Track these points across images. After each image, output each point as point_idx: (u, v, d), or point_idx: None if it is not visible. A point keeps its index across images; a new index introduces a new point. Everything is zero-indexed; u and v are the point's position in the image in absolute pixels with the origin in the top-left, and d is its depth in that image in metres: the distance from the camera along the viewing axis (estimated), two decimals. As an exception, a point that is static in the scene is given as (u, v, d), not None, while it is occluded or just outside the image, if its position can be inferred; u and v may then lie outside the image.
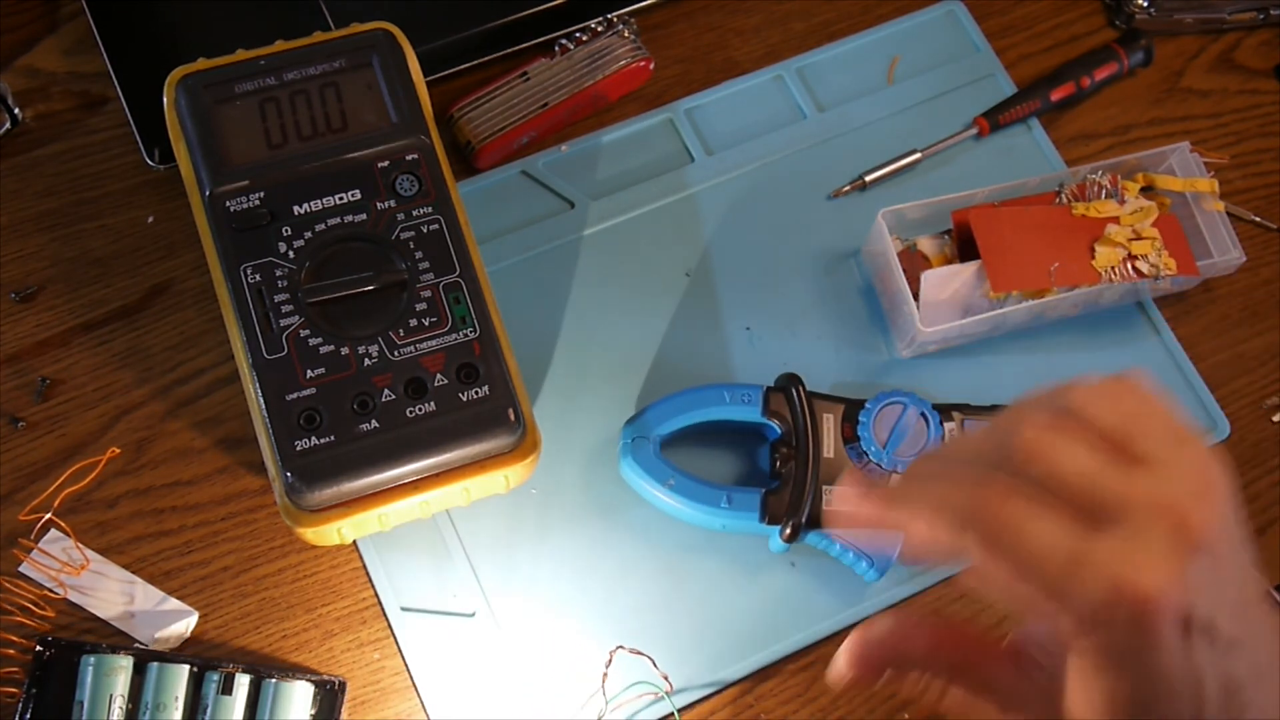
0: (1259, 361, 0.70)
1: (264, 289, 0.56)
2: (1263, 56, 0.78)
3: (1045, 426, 0.36)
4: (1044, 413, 0.36)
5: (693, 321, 0.67)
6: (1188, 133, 0.75)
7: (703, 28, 0.75)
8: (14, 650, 0.57)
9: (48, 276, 0.66)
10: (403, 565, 0.61)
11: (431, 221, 0.58)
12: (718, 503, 0.60)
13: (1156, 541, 0.34)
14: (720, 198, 0.70)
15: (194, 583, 0.60)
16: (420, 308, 0.56)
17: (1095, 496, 0.35)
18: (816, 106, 0.73)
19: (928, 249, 0.67)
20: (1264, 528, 0.66)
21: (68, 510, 0.61)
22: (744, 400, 0.62)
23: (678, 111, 0.72)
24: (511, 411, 0.56)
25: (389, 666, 0.60)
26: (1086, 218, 0.67)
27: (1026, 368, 0.68)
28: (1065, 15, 0.78)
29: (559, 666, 0.60)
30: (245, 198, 0.57)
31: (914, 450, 0.61)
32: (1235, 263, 0.69)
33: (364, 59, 0.60)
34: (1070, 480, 0.35)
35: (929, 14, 0.76)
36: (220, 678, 0.56)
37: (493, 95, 0.70)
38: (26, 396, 0.63)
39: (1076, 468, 0.35)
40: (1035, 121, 0.74)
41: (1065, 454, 0.35)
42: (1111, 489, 0.35)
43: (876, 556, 0.60)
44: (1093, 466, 0.35)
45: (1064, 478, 0.35)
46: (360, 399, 0.55)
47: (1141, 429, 0.36)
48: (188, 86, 0.59)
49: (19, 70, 0.70)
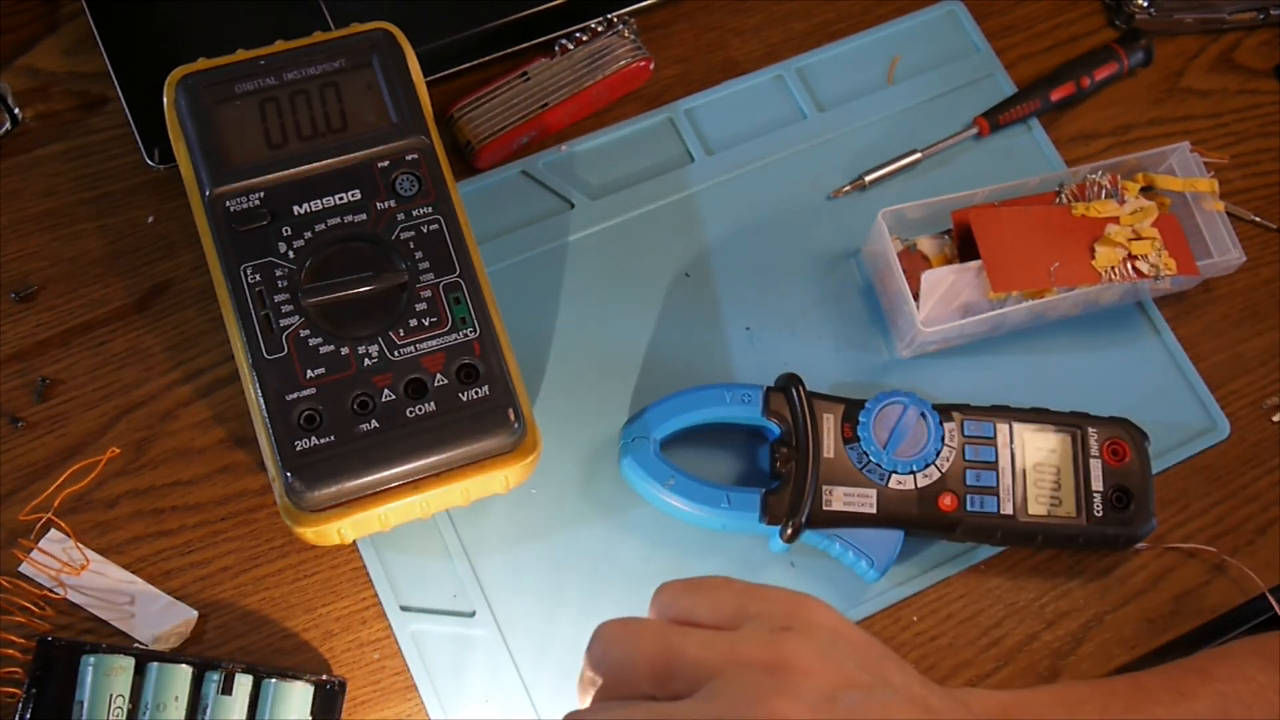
0: (1259, 361, 0.70)
1: (264, 289, 0.56)
2: (1263, 56, 0.78)
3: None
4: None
5: (693, 321, 0.67)
6: (1188, 133, 0.75)
7: (703, 28, 0.75)
8: (14, 650, 0.57)
9: (48, 276, 0.66)
10: (403, 565, 0.61)
11: (431, 221, 0.58)
12: (718, 503, 0.60)
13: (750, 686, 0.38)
14: (720, 198, 0.70)
15: (194, 583, 0.60)
16: (420, 308, 0.56)
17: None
18: (816, 106, 0.73)
19: (928, 249, 0.67)
20: (1264, 527, 0.66)
21: (68, 510, 0.61)
22: (744, 400, 0.62)
23: (678, 111, 0.72)
24: (511, 411, 0.56)
25: (389, 666, 0.60)
26: (1086, 218, 0.67)
27: (1026, 368, 0.68)
28: (1065, 15, 0.78)
29: (559, 666, 0.60)
30: (245, 198, 0.57)
31: (914, 450, 0.61)
32: (1235, 263, 0.69)
33: (364, 59, 0.60)
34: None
35: (929, 14, 0.76)
36: (220, 678, 0.56)
37: (493, 95, 0.70)
38: (26, 396, 0.63)
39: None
40: (1035, 121, 0.74)
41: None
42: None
43: (876, 556, 0.60)
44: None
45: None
46: (360, 399, 0.55)
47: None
48: (188, 86, 0.59)
49: (19, 70, 0.70)
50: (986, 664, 0.62)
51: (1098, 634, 0.63)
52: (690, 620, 0.42)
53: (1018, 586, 0.64)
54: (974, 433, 0.62)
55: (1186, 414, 0.68)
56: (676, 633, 0.40)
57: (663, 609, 0.43)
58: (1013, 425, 0.62)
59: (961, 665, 0.62)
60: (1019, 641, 0.63)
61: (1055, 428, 0.63)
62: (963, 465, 0.61)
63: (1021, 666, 0.62)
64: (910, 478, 0.61)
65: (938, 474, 0.61)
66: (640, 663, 0.40)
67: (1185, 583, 0.65)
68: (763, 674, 0.38)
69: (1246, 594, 0.65)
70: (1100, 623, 0.63)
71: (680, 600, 0.42)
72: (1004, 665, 0.62)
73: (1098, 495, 0.62)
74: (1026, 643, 0.63)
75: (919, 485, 0.61)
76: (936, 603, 0.63)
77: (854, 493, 0.60)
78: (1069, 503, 0.62)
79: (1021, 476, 0.62)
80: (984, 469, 0.61)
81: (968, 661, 0.62)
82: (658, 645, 0.40)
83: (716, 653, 0.39)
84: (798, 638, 0.39)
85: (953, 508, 0.61)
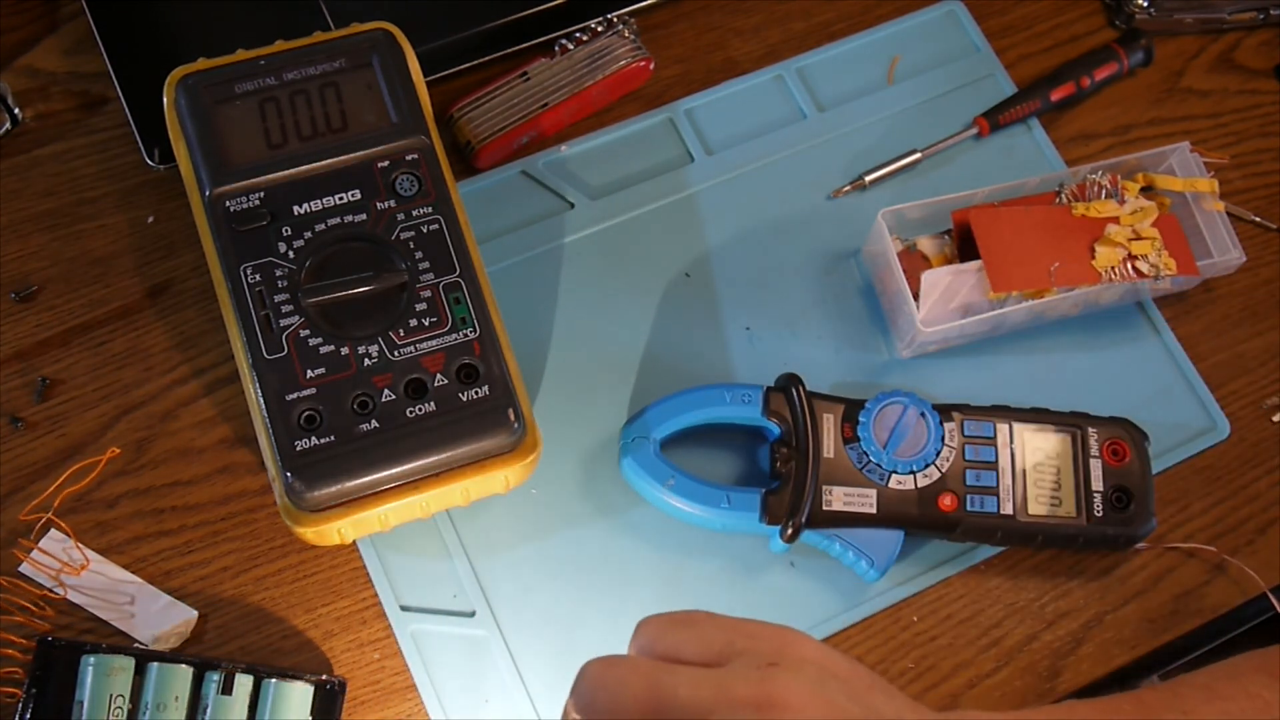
0: (1259, 361, 0.70)
1: (264, 289, 0.56)
2: (1263, 56, 0.78)
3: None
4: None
5: (693, 321, 0.67)
6: (1188, 133, 0.75)
7: (703, 28, 0.75)
8: (14, 650, 0.57)
9: (48, 276, 0.66)
10: (403, 565, 0.61)
11: (431, 221, 0.58)
12: (718, 503, 0.60)
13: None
14: (720, 198, 0.70)
15: (194, 583, 0.60)
16: (420, 308, 0.56)
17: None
18: (816, 106, 0.73)
19: (928, 249, 0.67)
20: (1264, 527, 0.66)
21: (68, 510, 0.61)
22: (744, 400, 0.62)
23: (678, 111, 0.72)
24: (511, 411, 0.56)
25: (389, 666, 0.60)
26: (1086, 218, 0.66)
27: (1026, 368, 0.68)
28: (1065, 15, 0.78)
29: (559, 666, 0.60)
30: (245, 198, 0.57)
31: (914, 450, 0.61)
32: (1235, 263, 0.69)
33: (364, 59, 0.60)
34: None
35: (929, 14, 0.76)
36: (220, 678, 0.56)
37: (493, 95, 0.70)
38: (26, 396, 0.63)
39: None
40: (1035, 121, 0.74)
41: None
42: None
43: (876, 556, 0.60)
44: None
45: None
46: (360, 399, 0.55)
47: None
48: (188, 86, 0.59)
49: (19, 70, 0.70)
50: (986, 664, 0.62)
51: (1098, 634, 0.63)
52: (676, 657, 0.41)
53: (1018, 586, 0.64)
54: (974, 433, 0.62)
55: (1186, 414, 0.68)
56: (665, 671, 0.40)
57: (646, 645, 0.42)
58: (1013, 425, 0.62)
59: (961, 665, 0.62)
60: (1019, 641, 0.63)
61: (1055, 428, 0.63)
62: (963, 465, 0.61)
63: (1021, 666, 0.62)
64: (910, 478, 0.61)
65: (938, 474, 0.61)
66: (630, 704, 0.39)
67: (1185, 583, 0.65)
68: (754, 712, 0.38)
69: (1247, 594, 0.65)
70: (1100, 623, 0.63)
71: (665, 636, 0.42)
72: (1004, 665, 0.62)
73: (1098, 495, 0.62)
74: (1026, 643, 0.63)
75: (919, 485, 0.61)
76: (936, 603, 0.63)
77: (854, 493, 0.60)
78: (1069, 503, 0.62)
79: (1021, 476, 0.62)
80: (984, 469, 0.61)
81: (968, 661, 0.62)
82: (646, 686, 0.39)
83: (706, 693, 0.39)
84: (786, 674, 0.39)
85: (953, 508, 0.61)
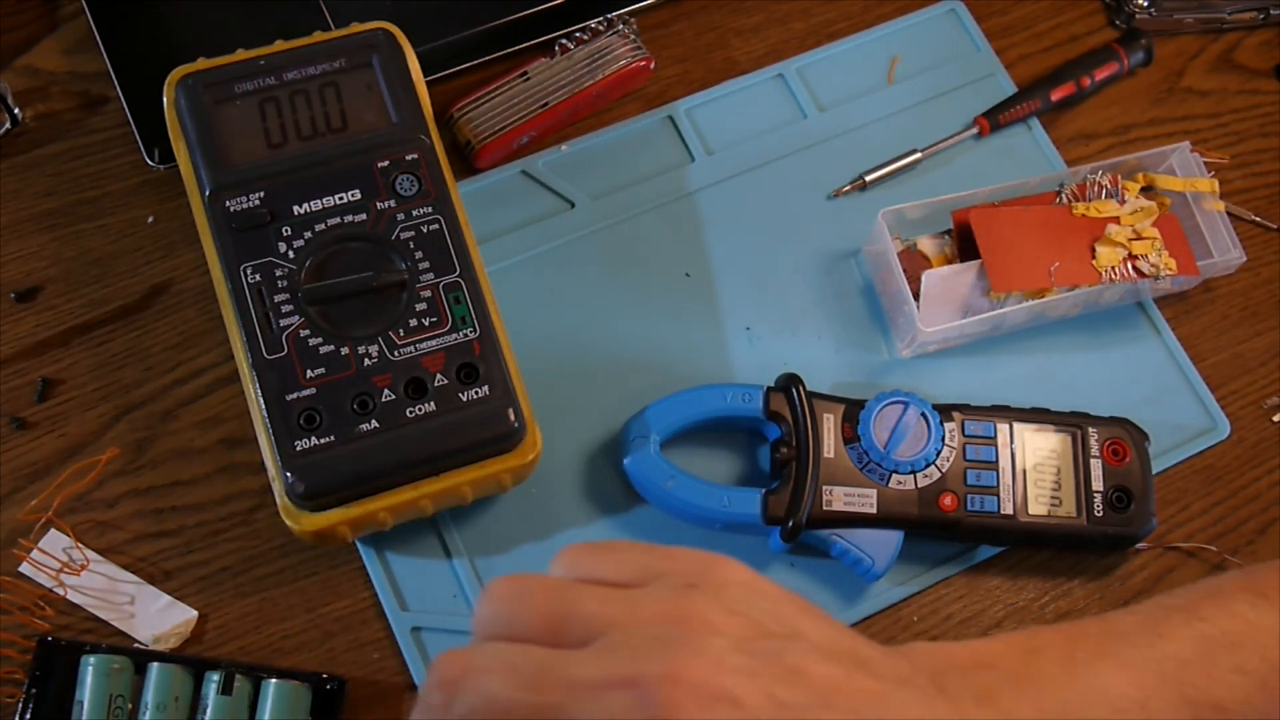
0: (1259, 361, 0.70)
1: (264, 289, 0.56)
2: (1263, 56, 0.78)
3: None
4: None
5: (693, 321, 0.67)
6: (1188, 133, 0.75)
7: (703, 28, 0.75)
8: (14, 650, 0.57)
9: (48, 276, 0.66)
10: (403, 565, 0.61)
11: (431, 221, 0.58)
12: (718, 503, 0.60)
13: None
14: (720, 198, 0.70)
15: (194, 583, 0.60)
16: (420, 308, 0.56)
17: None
18: (816, 106, 0.73)
19: (928, 249, 0.67)
20: (1264, 527, 0.66)
21: (68, 510, 0.61)
22: (744, 400, 0.62)
23: (678, 111, 0.72)
24: (511, 411, 0.56)
25: (389, 666, 0.60)
26: (1087, 218, 0.67)
27: (1026, 368, 0.68)
28: (1065, 15, 0.78)
29: (559, 666, 0.60)
30: (245, 198, 0.57)
31: (914, 450, 0.61)
32: (1235, 263, 0.69)
33: (364, 59, 0.60)
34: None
35: (929, 14, 0.76)
36: (220, 678, 0.56)
37: (493, 95, 0.69)
38: (26, 396, 0.63)
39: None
40: (1035, 121, 0.74)
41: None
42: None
43: (876, 556, 0.60)
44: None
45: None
46: (360, 399, 0.55)
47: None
48: (188, 86, 0.59)
49: (19, 70, 0.70)
50: (986, 664, 0.62)
51: (1098, 634, 0.63)
52: (591, 580, 0.39)
53: (1018, 586, 0.64)
54: (974, 433, 0.62)
55: (1186, 414, 0.68)
56: (572, 588, 0.38)
57: (562, 571, 0.40)
58: (1013, 425, 0.62)
59: (961, 665, 0.62)
60: (1019, 641, 0.63)
61: (1055, 428, 0.63)
62: (963, 465, 0.61)
63: (1021, 666, 0.62)
64: (910, 478, 0.61)
65: (938, 474, 0.61)
66: (532, 618, 0.37)
67: (1185, 583, 0.64)
68: (664, 627, 0.36)
69: (1247, 594, 0.65)
70: (1100, 623, 0.63)
71: (582, 561, 0.40)
72: (1004, 665, 0.62)
73: (1098, 495, 0.62)
74: (1026, 643, 0.63)
75: (919, 485, 0.61)
76: (936, 603, 0.63)
77: (854, 493, 0.60)
78: (1069, 503, 0.62)
79: (1022, 476, 0.62)
80: (984, 469, 0.61)
81: (968, 661, 0.62)
82: (552, 600, 0.37)
83: (614, 609, 0.36)
84: (705, 593, 0.37)
85: (953, 508, 0.61)
